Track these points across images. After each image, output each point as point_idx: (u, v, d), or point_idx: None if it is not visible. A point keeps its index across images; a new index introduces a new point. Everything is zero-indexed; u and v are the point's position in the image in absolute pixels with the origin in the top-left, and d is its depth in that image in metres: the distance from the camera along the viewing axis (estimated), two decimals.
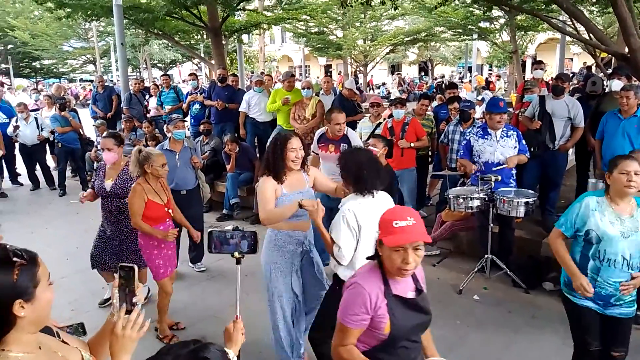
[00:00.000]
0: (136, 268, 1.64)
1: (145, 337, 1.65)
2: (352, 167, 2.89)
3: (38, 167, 9.40)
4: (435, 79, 29.86)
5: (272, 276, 3.44)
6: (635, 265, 2.81)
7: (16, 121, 8.96)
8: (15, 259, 1.42)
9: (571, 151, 7.10)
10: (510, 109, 7.24)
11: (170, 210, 4.19)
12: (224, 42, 12.69)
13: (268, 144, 3.52)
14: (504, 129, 4.98)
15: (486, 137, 5.02)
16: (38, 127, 9.02)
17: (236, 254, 2.26)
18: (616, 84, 5.36)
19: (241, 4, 10.99)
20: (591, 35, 6.36)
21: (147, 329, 1.65)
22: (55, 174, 9.36)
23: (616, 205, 2.87)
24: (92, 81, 36.43)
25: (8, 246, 1.46)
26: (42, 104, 11.02)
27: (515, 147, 4.94)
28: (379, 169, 2.89)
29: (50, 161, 10.08)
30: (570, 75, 13.29)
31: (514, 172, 5.00)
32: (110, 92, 10.84)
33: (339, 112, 4.92)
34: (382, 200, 2.94)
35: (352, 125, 6.81)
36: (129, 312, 1.61)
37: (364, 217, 2.82)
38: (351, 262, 2.87)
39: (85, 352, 1.66)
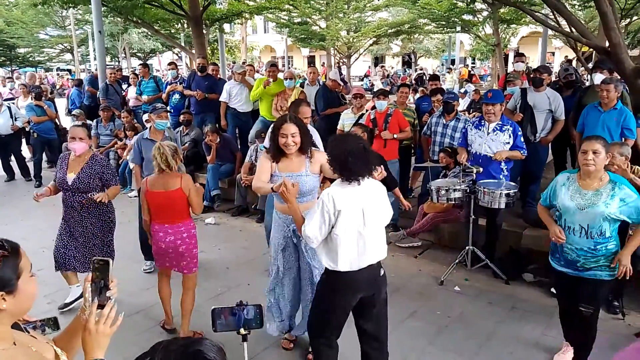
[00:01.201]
0: (111, 261, 1.59)
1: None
2: (338, 153, 2.87)
3: (13, 157, 9.16)
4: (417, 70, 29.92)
5: (273, 252, 3.74)
6: (595, 234, 3.11)
7: None
8: None
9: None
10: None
11: None
12: (205, 31, 12.50)
13: None
14: (500, 123, 4.91)
15: (479, 128, 5.01)
16: (11, 117, 8.77)
17: (242, 331, 2.15)
18: (598, 77, 5.38)
19: None
20: (573, 28, 6.39)
21: (120, 323, 1.59)
22: (30, 164, 9.14)
23: (583, 182, 3.15)
24: (69, 71, 35.75)
25: None
26: (18, 93, 10.74)
27: (508, 142, 4.85)
28: (366, 157, 2.85)
29: (25, 151, 9.83)
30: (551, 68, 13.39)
31: (504, 166, 4.93)
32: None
33: (307, 106, 4.72)
34: (370, 188, 2.93)
35: (337, 116, 6.76)
36: (101, 306, 1.56)
37: (343, 202, 2.80)
38: (332, 248, 2.87)
39: (56, 347, 1.60)
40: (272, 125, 3.57)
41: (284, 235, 3.63)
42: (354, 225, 2.84)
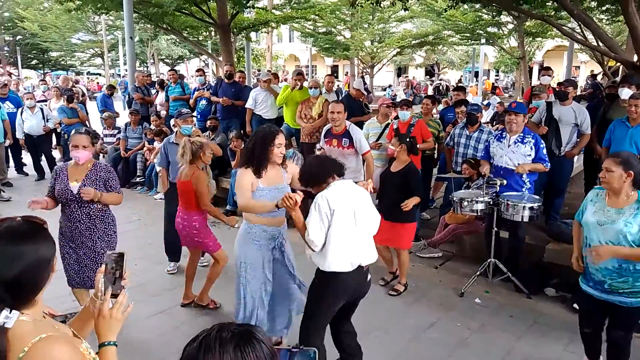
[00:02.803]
0: (125, 254, 1.70)
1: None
2: (305, 172, 3.18)
3: (44, 157, 9.42)
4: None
5: (242, 268, 3.60)
6: None
7: (22, 111, 9.01)
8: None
9: (575, 158, 7.08)
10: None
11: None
12: (232, 39, 12.71)
13: (251, 137, 3.61)
14: (521, 135, 4.87)
15: (501, 140, 5.01)
16: (44, 118, 9.05)
17: None
18: (626, 92, 5.33)
19: (251, 1, 11.02)
20: (600, 42, 6.35)
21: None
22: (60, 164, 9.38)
23: (610, 199, 3.08)
24: (99, 74, 36.55)
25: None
26: (50, 95, 11.06)
27: (530, 155, 4.82)
28: (329, 162, 3.14)
29: (56, 152, 10.11)
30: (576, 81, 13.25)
31: (526, 179, 4.88)
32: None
33: (337, 103, 5.16)
34: (359, 193, 3.16)
35: (359, 125, 6.81)
36: (114, 295, 1.66)
37: (337, 202, 2.98)
38: (324, 247, 3.02)
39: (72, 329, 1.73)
40: (260, 137, 3.44)
41: (272, 248, 3.61)
42: (346, 224, 3.00)
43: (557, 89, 5.85)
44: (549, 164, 4.90)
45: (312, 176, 3.15)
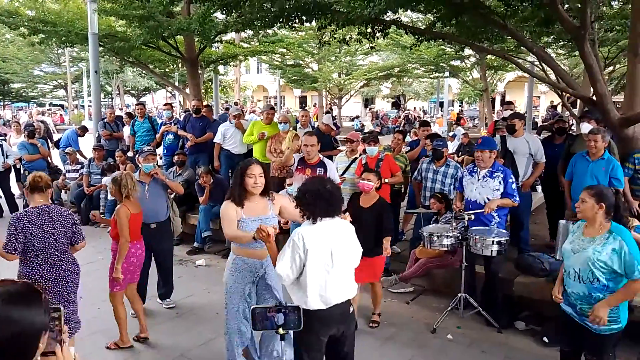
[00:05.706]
0: (62, 308, 1.69)
1: None
2: (304, 193, 3.02)
3: (1, 194, 9.06)
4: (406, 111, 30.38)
5: (227, 297, 3.76)
6: (587, 279, 3.15)
7: None
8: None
9: (539, 189, 7.24)
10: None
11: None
12: (200, 72, 12.69)
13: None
14: (491, 169, 4.94)
15: (472, 174, 5.07)
16: (2, 154, 8.74)
17: (280, 331, 2.34)
18: (585, 127, 5.53)
19: (218, 35, 11.05)
20: (559, 79, 6.60)
21: None
22: (20, 202, 9.04)
23: (586, 229, 3.27)
24: (62, 106, 35.83)
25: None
26: (9, 130, 10.74)
27: (498, 189, 4.86)
28: (330, 198, 2.98)
29: (15, 189, 9.75)
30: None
31: (494, 214, 4.88)
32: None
33: (310, 135, 5.33)
34: (339, 228, 3.07)
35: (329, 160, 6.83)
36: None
37: (312, 241, 2.92)
38: (302, 286, 2.97)
39: None
40: (237, 170, 3.67)
41: (251, 281, 3.70)
42: (321, 264, 2.95)
43: (507, 124, 6.08)
44: (518, 199, 4.94)
45: (307, 205, 2.99)
